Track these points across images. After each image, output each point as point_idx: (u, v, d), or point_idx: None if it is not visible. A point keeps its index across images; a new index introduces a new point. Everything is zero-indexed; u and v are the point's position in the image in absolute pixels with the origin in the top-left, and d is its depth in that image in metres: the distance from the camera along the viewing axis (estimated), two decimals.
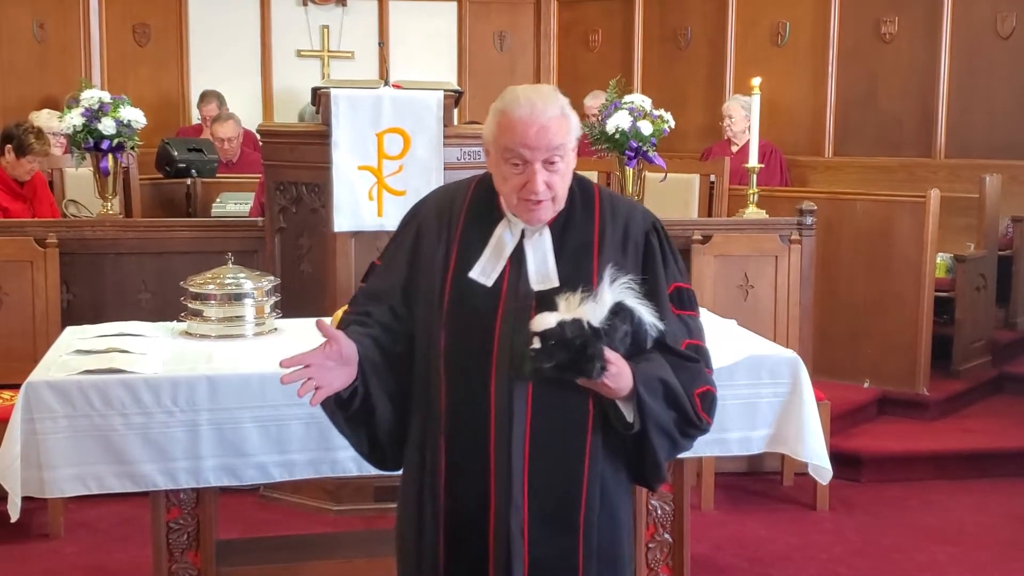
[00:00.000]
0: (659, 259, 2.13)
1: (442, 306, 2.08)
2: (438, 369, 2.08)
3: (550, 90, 2.07)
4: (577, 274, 2.05)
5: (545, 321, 1.96)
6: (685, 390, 2.08)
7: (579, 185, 2.14)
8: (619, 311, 2.00)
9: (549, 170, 2.02)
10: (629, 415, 2.04)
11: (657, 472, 2.15)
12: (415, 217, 2.20)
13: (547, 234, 2.09)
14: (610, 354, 1.98)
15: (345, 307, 2.31)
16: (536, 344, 1.95)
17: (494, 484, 2.05)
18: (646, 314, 2.03)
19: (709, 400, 2.14)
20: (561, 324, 1.95)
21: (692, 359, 2.12)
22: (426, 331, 2.10)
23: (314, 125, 4.21)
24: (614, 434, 2.08)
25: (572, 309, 1.98)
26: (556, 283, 2.05)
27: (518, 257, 2.08)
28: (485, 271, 2.08)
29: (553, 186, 2.03)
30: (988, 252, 5.81)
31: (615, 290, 2.01)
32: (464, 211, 2.14)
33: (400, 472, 2.22)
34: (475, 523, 2.07)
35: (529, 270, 2.08)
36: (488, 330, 2.04)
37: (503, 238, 2.10)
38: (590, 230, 2.11)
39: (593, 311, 1.98)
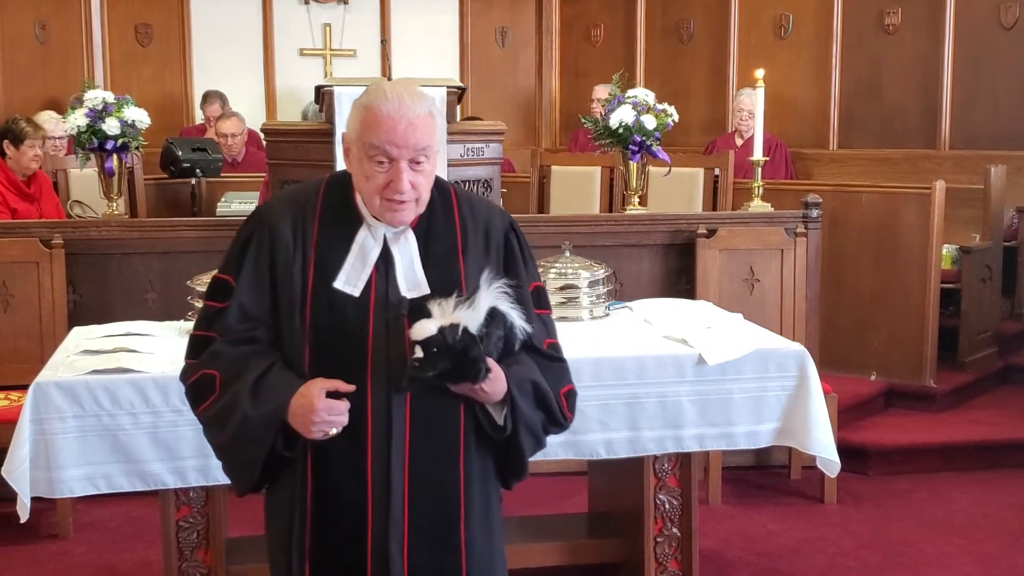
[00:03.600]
0: (520, 259, 2.09)
1: (304, 320, 1.97)
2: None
3: (418, 88, 1.98)
4: (445, 279, 1.99)
5: (425, 329, 1.88)
6: (552, 390, 2.06)
7: (437, 187, 2.06)
8: (493, 316, 1.95)
9: (415, 170, 1.94)
10: (500, 419, 2.01)
11: (521, 473, 2.12)
12: (261, 225, 2.03)
13: (412, 238, 2.01)
14: (488, 359, 1.94)
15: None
16: (418, 353, 1.87)
17: (371, 500, 1.97)
18: (517, 318, 1.99)
19: (572, 398, 2.13)
20: (442, 331, 1.88)
21: (557, 359, 2.11)
22: (288, 347, 2.00)
23: (318, 123, 4.21)
24: (483, 439, 2.04)
25: (447, 315, 1.90)
26: (427, 289, 1.98)
27: (383, 264, 1.99)
28: (350, 280, 1.97)
29: (418, 187, 1.95)
30: (993, 243, 5.81)
31: (490, 295, 1.95)
32: (317, 216, 2.01)
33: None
34: (349, 541, 1.99)
35: (398, 276, 1.99)
36: (360, 342, 1.95)
37: (365, 244, 1.99)
38: (453, 234, 2.04)
39: (470, 317, 1.91)
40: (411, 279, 2.00)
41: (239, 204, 5.90)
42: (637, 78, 8.04)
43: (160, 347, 3.10)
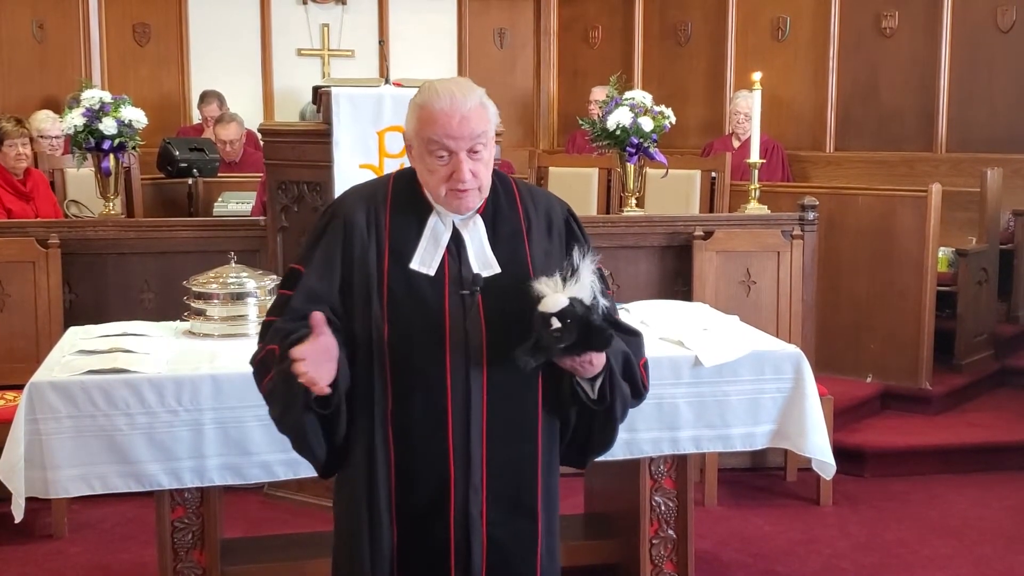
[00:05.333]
0: (582, 242, 2.20)
1: (382, 300, 2.08)
2: (383, 362, 2.08)
3: (467, 81, 2.10)
4: (513, 260, 2.11)
5: (557, 301, 1.98)
6: (635, 360, 2.18)
7: (497, 178, 2.18)
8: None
9: (473, 159, 2.05)
10: (593, 391, 2.10)
11: (607, 444, 2.23)
12: (335, 216, 2.15)
13: (480, 222, 2.13)
14: None
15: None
16: (556, 324, 1.97)
17: (453, 467, 2.07)
18: (600, 295, 2.08)
19: (648, 369, 2.26)
20: (572, 303, 1.98)
21: (634, 332, 2.23)
22: (365, 327, 2.09)
23: (315, 124, 4.21)
24: (553, 415, 2.16)
25: (558, 291, 2.00)
26: (497, 268, 2.10)
27: (454, 245, 2.11)
28: (424, 261, 2.10)
29: (478, 174, 2.07)
30: (990, 246, 5.81)
31: (589, 272, 2.05)
32: (388, 205, 2.14)
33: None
34: (433, 510, 2.09)
35: (470, 256, 2.11)
36: (437, 318, 2.06)
37: (436, 228, 2.11)
38: (517, 218, 2.16)
39: (582, 290, 2.01)
40: (482, 258, 2.11)
41: (236, 204, 5.89)
42: (635, 80, 8.04)
43: (156, 347, 3.10)
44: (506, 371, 2.07)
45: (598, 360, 2.05)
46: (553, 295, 1.99)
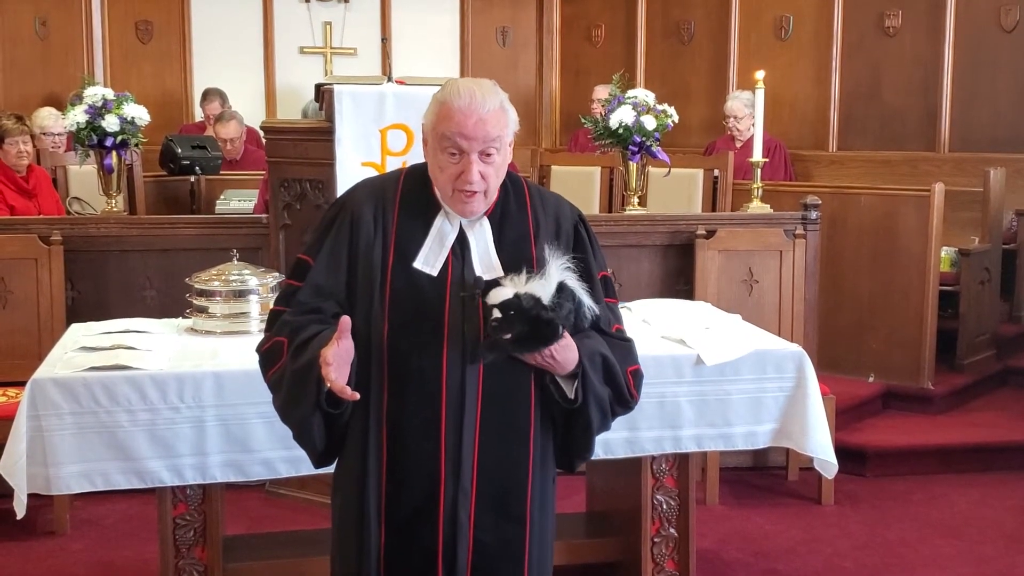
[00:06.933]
0: (589, 248, 2.21)
1: (384, 297, 2.08)
2: (380, 359, 2.08)
3: (490, 84, 2.11)
4: (518, 264, 2.09)
5: (502, 294, 1.99)
6: (620, 366, 2.16)
7: (509, 179, 2.18)
8: (563, 290, 2.05)
9: (485, 162, 2.06)
10: (570, 392, 2.10)
11: (587, 449, 2.20)
12: (344, 209, 2.16)
13: (487, 224, 2.13)
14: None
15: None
16: (496, 314, 1.97)
17: (444, 469, 2.07)
18: (585, 296, 2.09)
19: (639, 378, 2.22)
20: (518, 295, 1.98)
21: (624, 339, 2.22)
22: (365, 322, 2.09)
23: (317, 121, 4.21)
24: (547, 418, 2.15)
25: (520, 286, 2.01)
26: (501, 271, 2.09)
27: (459, 247, 2.11)
28: (428, 261, 2.10)
29: (487, 178, 2.07)
30: (992, 246, 5.81)
31: (559, 269, 2.06)
32: (397, 202, 2.14)
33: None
34: (422, 510, 2.09)
35: (474, 258, 2.11)
36: (437, 318, 2.06)
37: (443, 228, 2.12)
38: (525, 222, 2.16)
39: (542, 287, 2.02)
40: (486, 261, 2.11)
41: (238, 202, 5.89)
42: (637, 78, 8.04)
43: (158, 344, 3.10)
44: (501, 375, 2.07)
45: (561, 357, 2.04)
46: (499, 288, 2.00)
